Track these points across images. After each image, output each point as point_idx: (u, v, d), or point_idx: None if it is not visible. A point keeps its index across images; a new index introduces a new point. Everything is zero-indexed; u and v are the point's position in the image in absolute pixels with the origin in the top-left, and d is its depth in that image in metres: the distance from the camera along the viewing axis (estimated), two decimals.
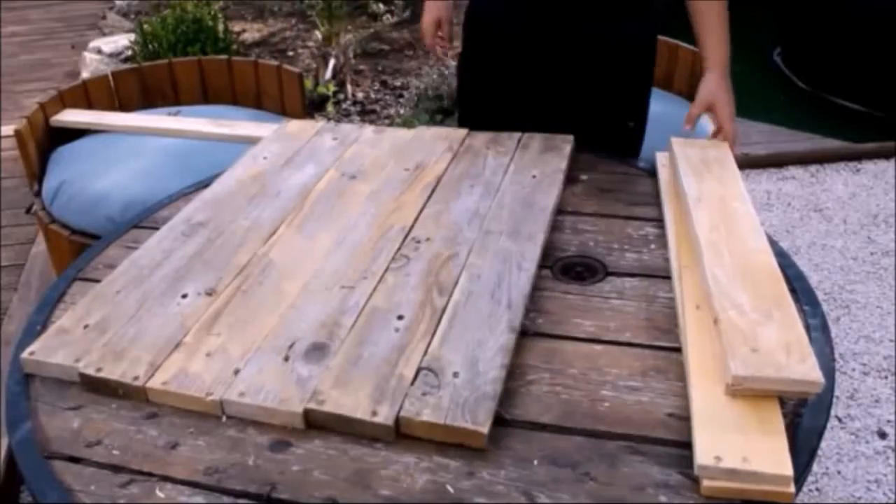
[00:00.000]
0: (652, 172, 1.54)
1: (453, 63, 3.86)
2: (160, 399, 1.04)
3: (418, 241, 1.32)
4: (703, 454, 0.89)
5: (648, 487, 0.89)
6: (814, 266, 2.77)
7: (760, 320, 1.03)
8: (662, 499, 0.88)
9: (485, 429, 0.94)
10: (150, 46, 3.83)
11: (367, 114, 3.99)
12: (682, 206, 1.34)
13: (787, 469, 0.87)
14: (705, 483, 0.88)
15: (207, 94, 2.53)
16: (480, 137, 1.66)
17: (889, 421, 2.14)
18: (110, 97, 2.43)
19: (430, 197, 1.45)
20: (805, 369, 0.95)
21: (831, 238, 2.93)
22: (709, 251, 1.18)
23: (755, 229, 1.24)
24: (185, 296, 1.20)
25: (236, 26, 4.80)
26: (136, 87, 2.46)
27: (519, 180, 1.49)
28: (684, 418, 0.98)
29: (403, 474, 0.92)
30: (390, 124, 3.78)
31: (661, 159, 1.53)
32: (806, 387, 0.95)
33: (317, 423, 0.99)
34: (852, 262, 2.80)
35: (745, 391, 0.96)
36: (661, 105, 2.33)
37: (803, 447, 0.94)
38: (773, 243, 1.34)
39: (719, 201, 1.31)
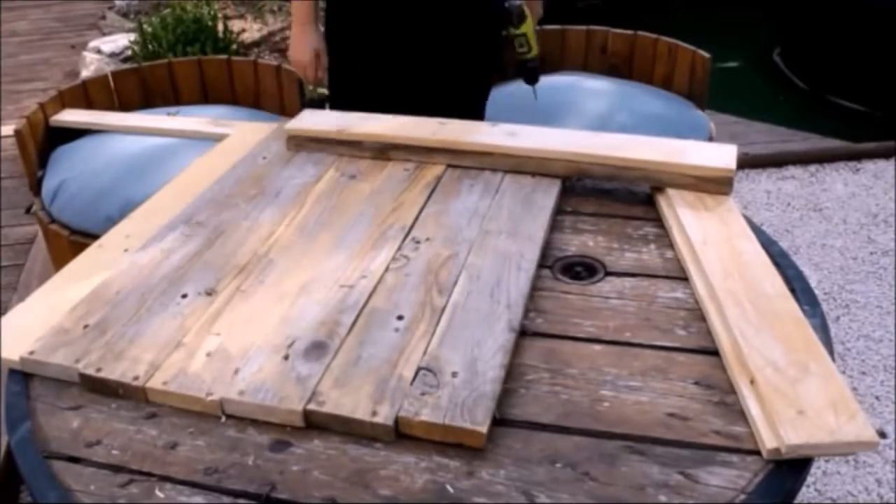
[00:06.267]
0: None
1: None
2: (160, 399, 1.04)
3: (418, 241, 1.32)
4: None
5: (648, 487, 0.89)
6: (814, 266, 2.77)
7: (799, 376, 1.00)
8: (662, 499, 0.88)
9: (483, 428, 0.95)
10: (149, 46, 3.83)
11: None
12: (686, 243, 1.30)
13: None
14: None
15: (207, 94, 2.53)
16: None
17: (889, 421, 2.14)
18: (110, 97, 2.43)
19: (429, 197, 1.45)
20: (857, 429, 0.93)
21: (831, 238, 2.93)
22: (728, 302, 1.13)
23: (768, 271, 1.21)
24: (185, 296, 1.21)
25: (236, 26, 4.79)
26: (135, 87, 2.46)
27: (518, 180, 1.49)
28: (684, 418, 0.98)
29: (403, 474, 0.93)
30: None
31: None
32: (862, 447, 0.93)
33: (317, 423, 0.99)
34: (852, 262, 2.80)
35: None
36: (661, 105, 2.34)
37: None
38: (773, 243, 1.34)
39: (725, 242, 1.27)
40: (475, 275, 1.23)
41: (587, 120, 2.20)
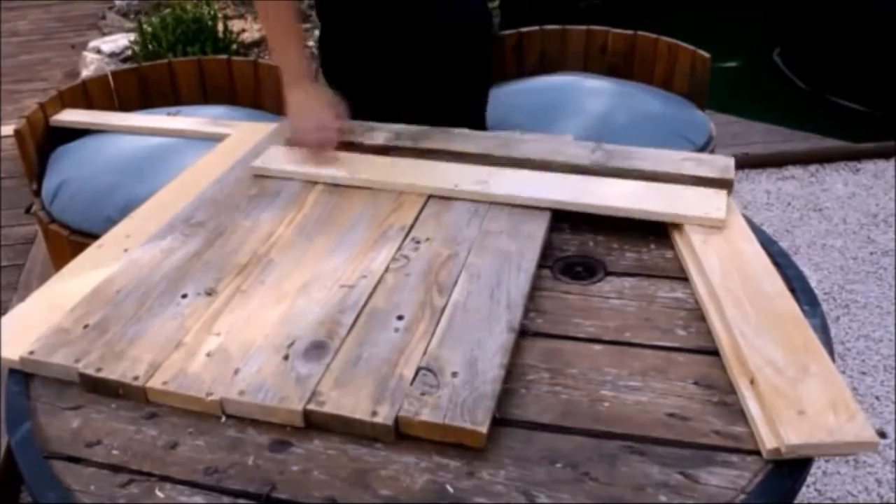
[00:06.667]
0: None
1: None
2: (160, 399, 1.04)
3: (418, 241, 1.32)
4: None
5: (648, 487, 0.90)
6: (814, 266, 2.77)
7: (799, 377, 1.00)
8: (662, 499, 0.88)
9: (483, 428, 0.95)
10: (149, 46, 3.83)
11: None
12: (686, 243, 1.30)
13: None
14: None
15: (207, 94, 2.53)
16: None
17: (889, 421, 2.14)
18: (110, 97, 2.43)
19: (430, 197, 1.45)
20: (857, 429, 0.93)
21: (831, 238, 2.93)
22: (728, 302, 1.13)
23: (768, 271, 1.21)
24: (185, 296, 1.21)
25: (236, 26, 4.79)
26: (135, 87, 2.46)
27: None
28: (684, 418, 0.98)
29: (403, 474, 0.93)
30: None
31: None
32: (862, 447, 0.94)
33: (317, 423, 0.99)
34: (852, 262, 2.80)
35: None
36: (661, 105, 2.34)
37: None
38: (773, 243, 1.34)
39: (725, 242, 1.27)
40: (475, 275, 1.23)
41: (587, 120, 2.20)
